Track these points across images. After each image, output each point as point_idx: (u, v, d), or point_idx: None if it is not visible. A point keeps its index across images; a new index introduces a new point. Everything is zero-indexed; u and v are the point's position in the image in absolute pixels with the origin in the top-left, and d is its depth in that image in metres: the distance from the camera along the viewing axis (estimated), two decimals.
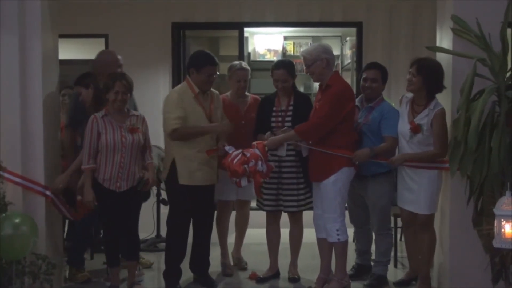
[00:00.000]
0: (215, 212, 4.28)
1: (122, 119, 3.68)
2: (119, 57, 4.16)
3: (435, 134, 3.58)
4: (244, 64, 4.33)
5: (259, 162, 3.63)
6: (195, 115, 3.81)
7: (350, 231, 4.04)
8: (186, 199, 3.82)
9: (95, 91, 3.96)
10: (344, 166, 3.66)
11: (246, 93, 4.37)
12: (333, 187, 3.65)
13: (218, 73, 3.92)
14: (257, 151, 3.66)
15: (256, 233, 4.61)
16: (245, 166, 3.60)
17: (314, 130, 3.66)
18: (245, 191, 4.19)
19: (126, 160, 3.64)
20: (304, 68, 3.82)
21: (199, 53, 3.99)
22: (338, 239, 3.69)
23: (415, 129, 3.61)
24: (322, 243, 3.86)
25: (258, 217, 4.45)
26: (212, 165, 3.88)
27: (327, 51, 3.75)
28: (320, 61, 3.70)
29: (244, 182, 3.69)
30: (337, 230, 3.67)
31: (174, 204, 3.92)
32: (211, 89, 3.98)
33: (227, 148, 3.77)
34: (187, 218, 3.91)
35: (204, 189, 3.86)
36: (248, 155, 3.63)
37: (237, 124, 4.04)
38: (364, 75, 3.99)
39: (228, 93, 4.33)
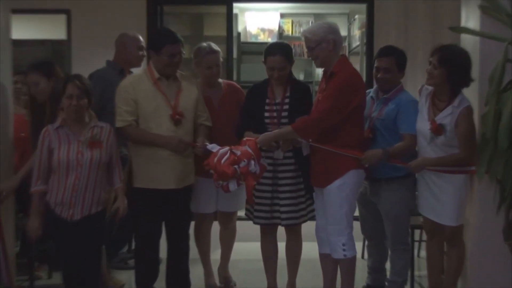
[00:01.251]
0: (193, 223, 4.26)
1: (81, 130, 3.54)
2: (140, 38, 4.18)
3: (460, 136, 3.57)
4: (214, 45, 4.22)
5: (252, 162, 3.60)
6: (153, 106, 3.73)
7: (359, 244, 4.06)
8: (146, 207, 3.80)
9: (53, 87, 3.91)
10: (352, 168, 3.65)
11: (219, 79, 4.32)
12: (339, 193, 3.65)
13: (184, 52, 3.86)
14: (248, 149, 3.64)
15: (246, 248, 4.62)
16: (236, 166, 3.57)
17: (315, 127, 3.64)
18: (228, 201, 4.18)
19: (82, 182, 3.50)
20: (306, 51, 3.80)
21: (157, 31, 4.03)
22: (345, 255, 3.69)
23: (437, 130, 3.59)
24: (325, 259, 3.87)
25: (248, 229, 4.45)
26: (177, 165, 3.80)
27: (334, 31, 3.73)
28: (325, 43, 3.68)
29: (233, 186, 3.64)
30: (343, 245, 3.68)
31: (134, 214, 3.90)
32: (184, 74, 3.96)
33: (209, 146, 3.72)
34: (152, 230, 3.87)
35: (170, 194, 3.80)
36: (239, 153, 3.60)
37: (212, 120, 4.00)
38: (375, 64, 3.99)
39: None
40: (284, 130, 3.72)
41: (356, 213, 3.96)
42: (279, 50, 3.94)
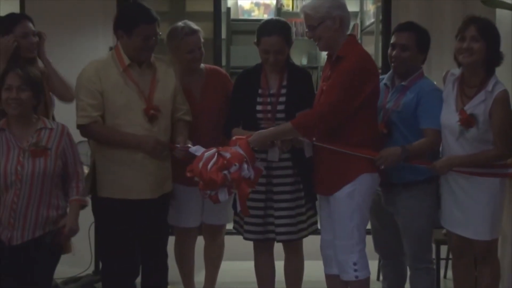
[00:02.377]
0: (171, 239, 4.27)
1: (25, 134, 3.49)
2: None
3: (496, 126, 3.56)
4: (192, 24, 4.20)
5: (244, 166, 3.57)
6: (122, 98, 3.71)
7: (374, 263, 4.07)
8: (114, 221, 3.77)
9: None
10: (364, 171, 3.64)
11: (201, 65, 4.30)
12: (349, 202, 3.64)
13: (160, 33, 3.83)
14: (239, 150, 3.61)
15: (236, 268, 4.63)
16: (225, 172, 3.53)
17: (320, 122, 3.61)
18: (215, 212, 4.19)
19: (22, 200, 3.43)
20: (306, 31, 3.78)
21: (127, 7, 4.00)
22: (356, 276, 3.69)
23: (467, 121, 3.58)
24: (333, 281, 3.88)
25: (239, 245, 4.45)
26: (152, 170, 3.79)
27: (340, 5, 3.71)
28: (330, 20, 3.65)
29: (223, 195, 3.60)
30: (355, 264, 3.68)
31: (98, 227, 3.91)
32: (160, 59, 3.93)
33: (192, 149, 3.69)
34: (120, 248, 3.83)
35: (144, 205, 3.78)
36: (228, 156, 3.56)
37: (193, 114, 3.99)
38: (392, 40, 3.98)
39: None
40: (282, 128, 3.69)
41: (368, 226, 3.95)
42: (275, 29, 3.93)
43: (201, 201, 4.16)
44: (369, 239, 3.93)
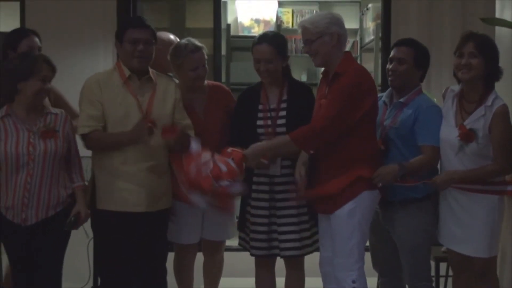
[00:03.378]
0: (169, 255, 4.27)
1: (33, 119, 3.62)
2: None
3: (496, 141, 3.56)
4: (196, 41, 4.20)
5: (236, 184, 3.56)
6: (122, 110, 3.75)
7: (373, 280, 4.06)
8: (110, 233, 3.79)
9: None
10: (365, 189, 3.64)
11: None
12: (350, 219, 3.62)
13: (154, 41, 3.85)
14: (232, 164, 3.57)
15: (236, 284, 4.63)
16: (216, 184, 3.49)
17: (318, 137, 3.60)
18: (215, 228, 4.19)
19: (36, 180, 3.57)
20: (303, 46, 3.78)
21: (123, 19, 4.07)
22: None
23: (467, 136, 3.58)
24: None
25: (238, 261, 4.46)
26: (148, 183, 3.79)
27: (338, 22, 3.73)
28: (328, 36, 3.66)
29: (202, 203, 3.55)
30: (353, 282, 3.65)
31: (97, 242, 3.92)
32: (162, 75, 3.96)
33: (192, 144, 3.60)
34: (117, 259, 3.84)
35: (140, 219, 3.78)
36: (224, 170, 3.53)
37: (196, 132, 3.96)
38: (391, 54, 3.99)
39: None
40: (279, 140, 3.70)
41: (367, 243, 3.94)
42: (266, 38, 3.98)
43: (201, 218, 4.17)
44: (367, 256, 3.93)
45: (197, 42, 4.16)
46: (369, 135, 3.72)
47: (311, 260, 4.11)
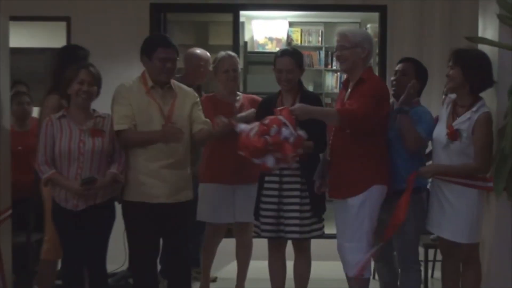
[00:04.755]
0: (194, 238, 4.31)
1: (84, 120, 3.69)
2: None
3: (476, 143, 3.57)
4: (231, 52, 4.48)
5: (283, 129, 3.37)
6: (146, 114, 3.77)
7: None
8: (138, 221, 3.81)
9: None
10: (374, 183, 3.65)
11: (238, 92, 4.43)
12: (361, 210, 3.64)
13: (178, 58, 3.88)
14: (280, 118, 3.44)
15: (253, 266, 4.62)
16: (266, 137, 3.35)
17: (360, 120, 3.54)
18: (245, 211, 4.23)
19: (85, 172, 3.64)
20: (336, 52, 3.77)
21: (149, 37, 4.08)
22: (362, 275, 3.69)
23: (453, 135, 3.60)
24: (353, 281, 3.84)
25: (258, 247, 4.46)
26: (167, 178, 3.80)
27: (371, 42, 3.80)
28: (361, 49, 3.70)
29: (270, 161, 3.40)
30: (357, 264, 3.66)
31: (126, 229, 3.93)
32: (181, 85, 3.98)
33: (241, 126, 3.50)
34: (145, 247, 3.85)
35: (163, 209, 3.79)
36: (267, 121, 3.41)
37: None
38: (395, 68, 4.09)
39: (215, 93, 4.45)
40: (327, 110, 3.72)
41: None
42: (287, 52, 4.09)
43: (233, 200, 4.28)
44: None
45: (232, 52, 4.52)
46: (383, 135, 3.74)
47: (318, 246, 4.11)
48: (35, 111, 4.74)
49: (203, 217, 4.35)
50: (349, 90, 3.77)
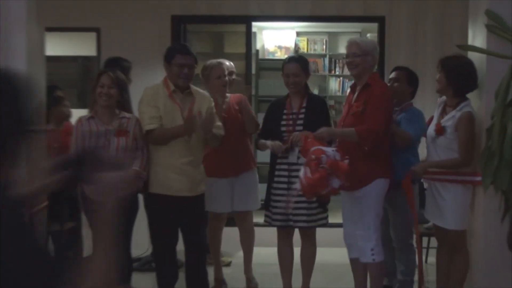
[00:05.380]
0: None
1: (110, 120, 3.73)
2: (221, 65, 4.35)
3: (459, 139, 3.61)
4: (221, 59, 4.46)
5: (328, 152, 3.40)
6: (170, 116, 3.78)
7: None
8: (160, 212, 3.83)
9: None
10: (378, 176, 3.66)
11: (227, 94, 4.42)
12: (367, 201, 3.65)
13: (196, 66, 3.88)
14: (316, 147, 3.46)
15: (264, 252, 4.61)
16: (322, 165, 3.36)
17: (375, 137, 3.59)
18: (242, 200, 4.26)
19: None
20: (347, 58, 3.77)
21: (171, 45, 4.05)
22: (373, 259, 3.68)
23: (438, 130, 3.66)
24: (355, 264, 3.87)
25: (265, 234, 4.45)
26: (189, 174, 3.83)
27: (378, 51, 3.86)
28: (370, 57, 3.73)
29: (336, 182, 3.42)
30: (372, 250, 3.67)
31: (148, 218, 3.94)
32: (199, 90, 3.99)
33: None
34: (168, 234, 3.89)
35: (184, 201, 3.80)
36: (313, 157, 3.39)
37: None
38: (390, 76, 4.20)
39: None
40: (347, 131, 3.66)
41: None
42: (294, 58, 4.13)
43: (231, 191, 4.35)
44: None
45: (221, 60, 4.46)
46: (386, 136, 3.73)
47: (323, 234, 4.11)
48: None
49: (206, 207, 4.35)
50: (356, 93, 3.76)
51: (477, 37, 3.82)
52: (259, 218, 4.55)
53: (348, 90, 4.01)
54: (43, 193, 1.59)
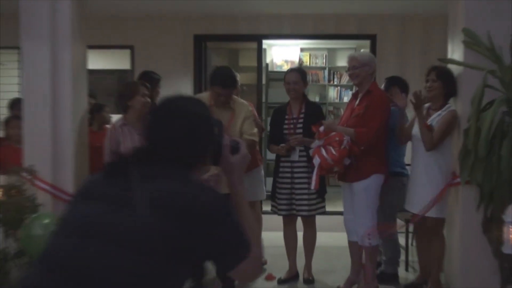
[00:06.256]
0: None
1: (139, 127, 3.66)
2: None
3: (438, 125, 3.58)
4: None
5: (343, 139, 3.52)
6: None
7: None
8: None
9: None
10: (374, 172, 3.63)
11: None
12: (365, 194, 3.62)
13: (232, 93, 3.70)
14: (332, 134, 3.55)
15: (271, 236, 4.61)
16: (344, 146, 3.50)
17: (371, 139, 3.57)
18: (251, 192, 4.22)
19: None
20: (348, 71, 3.75)
21: (215, 70, 3.82)
22: (370, 243, 3.66)
23: (427, 128, 3.61)
24: (353, 246, 3.85)
25: (272, 221, 4.45)
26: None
27: (375, 62, 3.80)
28: (368, 67, 3.70)
29: (346, 160, 3.56)
30: (369, 235, 3.65)
31: None
32: (238, 99, 3.83)
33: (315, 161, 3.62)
34: None
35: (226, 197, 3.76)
36: (336, 137, 3.51)
37: None
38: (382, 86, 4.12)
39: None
40: (348, 130, 3.62)
41: None
42: (293, 69, 4.12)
43: None
44: None
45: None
46: (382, 136, 3.69)
47: (322, 220, 4.10)
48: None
49: None
50: (359, 99, 3.74)
51: (455, 51, 3.80)
52: (267, 207, 4.52)
53: (350, 97, 4.00)
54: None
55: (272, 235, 4.63)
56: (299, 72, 4.04)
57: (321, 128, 3.61)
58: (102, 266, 1.25)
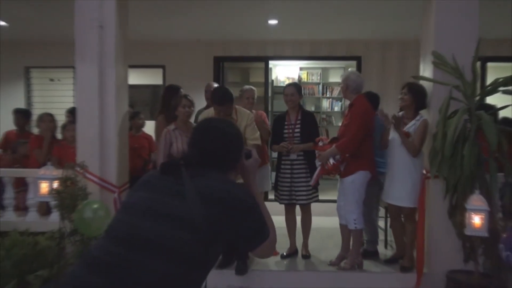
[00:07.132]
0: None
1: (188, 131, 3.60)
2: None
3: (416, 135, 3.58)
4: (251, 86, 4.16)
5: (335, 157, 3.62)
6: None
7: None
8: None
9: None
10: (361, 169, 3.60)
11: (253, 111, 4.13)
12: (352, 186, 3.61)
13: (231, 108, 3.54)
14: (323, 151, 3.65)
15: (276, 220, 4.59)
16: (337, 159, 3.63)
17: (350, 145, 3.55)
18: (259, 184, 4.18)
19: None
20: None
21: (213, 91, 3.67)
22: (355, 227, 3.65)
23: (406, 135, 3.61)
24: (343, 228, 3.83)
25: (277, 208, 4.43)
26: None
27: (359, 79, 3.70)
28: (344, 84, 3.71)
29: (341, 166, 3.65)
30: (354, 220, 3.63)
31: None
32: (241, 109, 3.76)
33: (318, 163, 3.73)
34: None
35: None
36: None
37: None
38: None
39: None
40: (332, 149, 3.61)
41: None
42: (291, 84, 4.09)
43: None
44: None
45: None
46: (369, 139, 3.66)
47: (317, 207, 4.08)
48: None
49: None
50: (347, 110, 3.75)
51: (426, 70, 3.78)
52: (271, 196, 4.51)
53: (332, 107, 4.02)
54: None
55: (275, 219, 4.55)
56: (295, 86, 4.03)
57: (320, 143, 3.70)
58: (158, 236, 1.32)
